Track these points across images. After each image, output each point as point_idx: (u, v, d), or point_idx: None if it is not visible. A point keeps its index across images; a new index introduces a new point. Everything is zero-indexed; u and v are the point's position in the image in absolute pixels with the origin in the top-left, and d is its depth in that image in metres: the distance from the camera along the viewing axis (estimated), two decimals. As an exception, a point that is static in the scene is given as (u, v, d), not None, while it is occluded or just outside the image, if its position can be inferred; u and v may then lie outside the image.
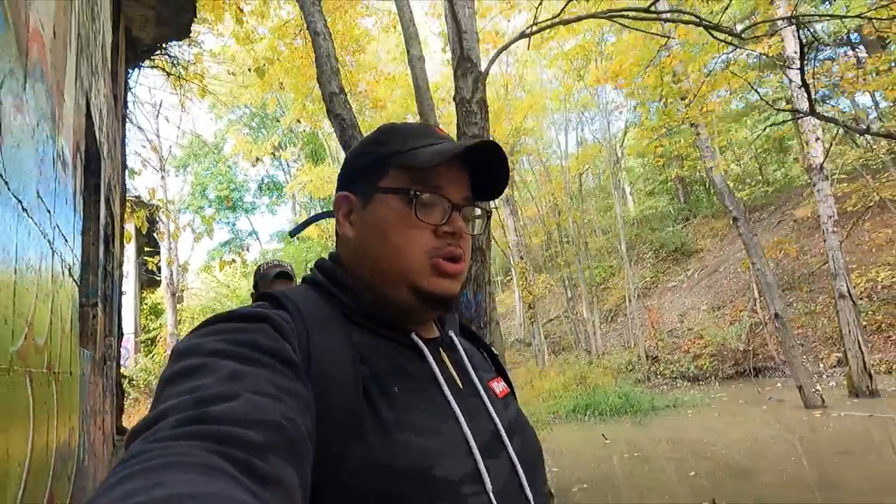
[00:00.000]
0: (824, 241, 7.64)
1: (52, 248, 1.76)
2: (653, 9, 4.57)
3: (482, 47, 8.67)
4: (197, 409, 0.37)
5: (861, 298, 9.15)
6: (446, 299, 0.61)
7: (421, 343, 0.61)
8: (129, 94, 6.81)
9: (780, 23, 5.14)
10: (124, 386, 7.43)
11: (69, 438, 2.06)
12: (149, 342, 12.83)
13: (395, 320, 0.61)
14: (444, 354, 0.64)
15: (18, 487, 1.23)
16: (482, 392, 0.62)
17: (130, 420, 7.60)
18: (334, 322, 0.57)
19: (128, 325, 12.77)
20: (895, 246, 9.77)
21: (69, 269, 2.15)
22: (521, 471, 0.58)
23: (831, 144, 6.41)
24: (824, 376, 9.01)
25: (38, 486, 1.43)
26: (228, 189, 17.73)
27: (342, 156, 18.03)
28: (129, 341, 12.45)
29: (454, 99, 5.34)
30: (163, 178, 13.10)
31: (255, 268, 1.99)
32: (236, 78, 9.85)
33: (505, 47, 4.95)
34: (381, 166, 0.63)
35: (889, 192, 9.04)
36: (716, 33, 4.84)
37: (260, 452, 0.36)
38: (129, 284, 12.37)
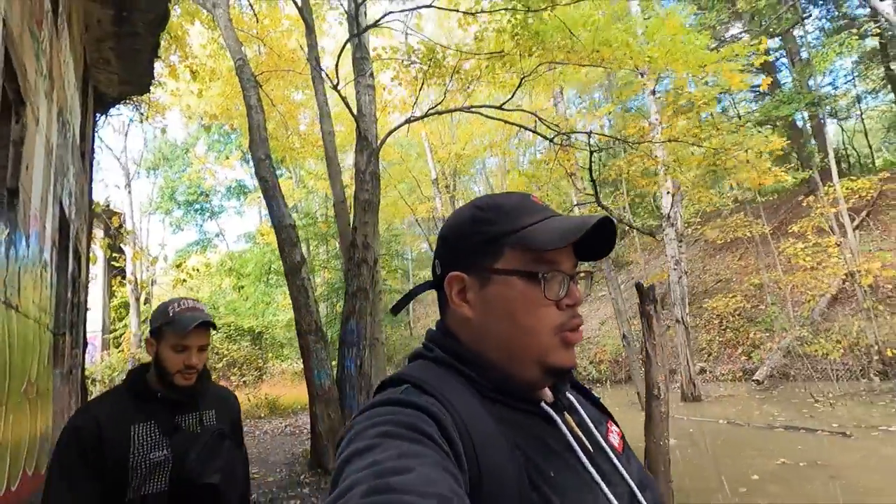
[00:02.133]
0: (672, 275, 9.26)
1: (37, 324, 3.10)
2: (506, 106, 5.99)
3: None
4: (379, 480, 0.41)
5: (718, 317, 10.89)
6: (571, 369, 0.62)
7: (554, 414, 0.61)
8: (95, 137, 7.97)
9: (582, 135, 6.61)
10: (87, 384, 8.65)
11: (45, 431, 3.40)
12: (116, 339, 13.94)
13: (526, 394, 0.62)
14: (568, 419, 0.63)
15: (21, 460, 2.59)
16: (610, 453, 0.63)
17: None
18: (476, 404, 0.58)
19: (96, 322, 13.88)
20: (744, 276, 11.51)
21: (47, 327, 3.48)
22: None
23: (673, 198, 8.00)
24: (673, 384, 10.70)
25: (32, 458, 2.79)
26: (197, 193, 18.79)
27: (300, 173, 19.16)
28: (96, 338, 13.57)
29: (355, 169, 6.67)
30: (129, 193, 14.15)
31: (158, 307, 1.47)
32: (198, 103, 11.02)
33: (391, 132, 6.34)
34: (494, 246, 0.62)
35: (741, 232, 10.79)
36: (544, 129, 6.31)
37: None
38: (98, 285, 13.47)
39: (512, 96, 5.67)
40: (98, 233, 12.43)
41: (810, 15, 14.15)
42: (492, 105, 5.98)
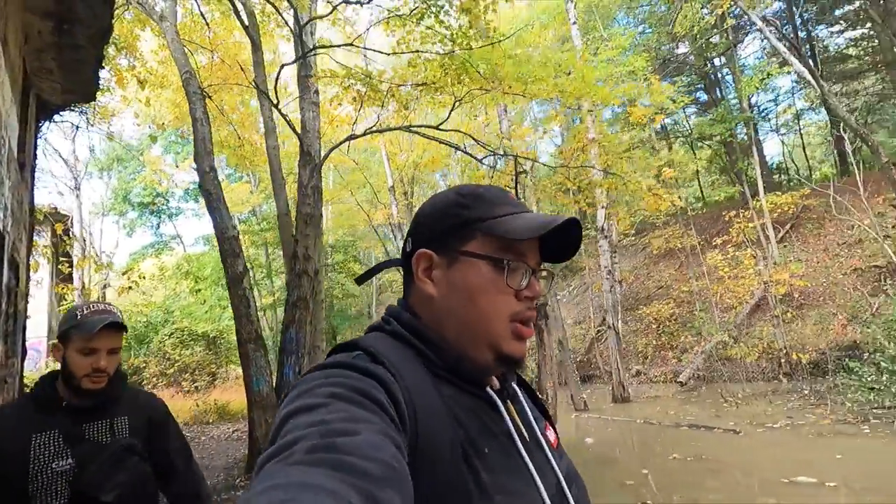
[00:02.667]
0: (608, 288, 9.87)
1: None
2: (442, 127, 6.37)
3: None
4: (324, 439, 0.41)
5: (656, 322, 11.63)
6: (520, 361, 0.65)
7: (497, 399, 0.64)
8: (37, 145, 7.93)
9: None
10: (25, 391, 8.56)
11: None
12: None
13: (476, 377, 0.64)
14: (511, 407, 0.66)
15: None
16: (545, 445, 0.66)
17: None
18: (426, 379, 0.59)
19: (42, 327, 13.52)
20: (681, 284, 12.31)
21: None
22: None
23: (607, 211, 8.61)
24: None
25: None
26: (152, 195, 18.47)
27: (259, 177, 19.06)
28: (41, 344, 13.24)
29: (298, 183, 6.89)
30: (77, 196, 13.88)
31: (67, 311, 1.48)
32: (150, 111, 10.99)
33: (332, 149, 6.63)
34: (466, 229, 0.65)
35: (674, 242, 11.57)
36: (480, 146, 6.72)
37: (380, 484, 0.39)
38: (44, 291, 13.14)
39: (447, 118, 6.05)
40: (41, 240, 12.17)
41: (742, 41, 15.15)
42: (429, 125, 6.35)
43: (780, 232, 12.44)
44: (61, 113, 8.41)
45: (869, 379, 5.79)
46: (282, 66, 5.82)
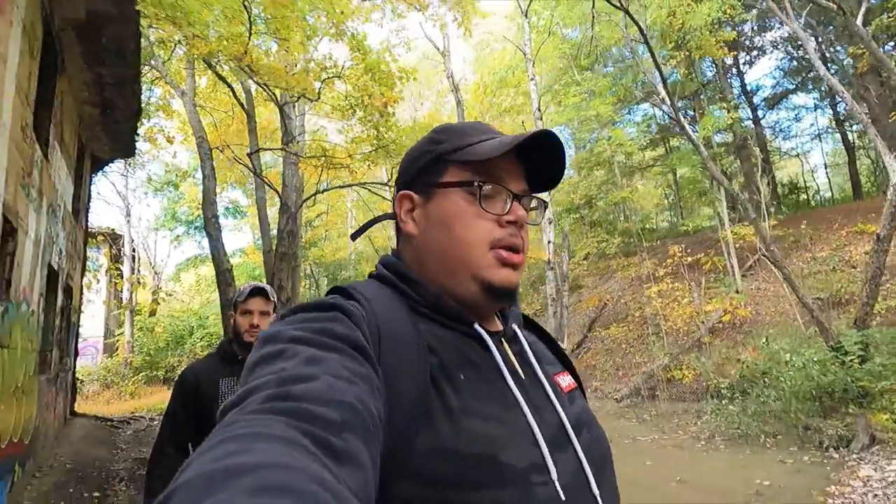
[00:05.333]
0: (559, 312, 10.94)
1: (23, 350, 5.08)
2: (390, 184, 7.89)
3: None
4: (280, 387, 0.40)
5: (618, 342, 12.61)
6: (509, 291, 0.62)
7: (484, 333, 0.61)
8: (90, 192, 10.12)
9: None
10: (79, 383, 10.76)
11: (30, 416, 5.38)
12: (113, 345, 16.16)
13: (460, 313, 0.61)
14: (507, 346, 0.64)
15: (9, 431, 4.57)
16: (546, 385, 0.62)
17: (84, 405, 10.90)
18: (401, 313, 0.58)
19: (99, 329, 16.13)
20: (643, 308, 13.14)
21: (33, 350, 5.48)
22: (587, 467, 0.57)
23: (554, 246, 9.72)
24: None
25: (18, 431, 4.76)
26: (194, 214, 21.08)
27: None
28: (98, 342, 15.82)
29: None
30: (128, 221, 16.45)
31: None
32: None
33: (304, 202, 8.29)
34: (440, 163, 0.64)
35: (621, 273, 12.48)
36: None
37: (336, 430, 0.38)
38: (101, 298, 15.70)
39: (389, 179, 7.56)
40: (99, 254, 14.70)
41: (709, 83, 15.76)
42: (380, 182, 7.89)
43: (750, 261, 13.08)
44: (110, 165, 10.65)
45: (724, 406, 6.76)
46: (257, 150, 7.56)
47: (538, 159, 0.65)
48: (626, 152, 11.29)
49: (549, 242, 10.06)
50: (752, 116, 21.38)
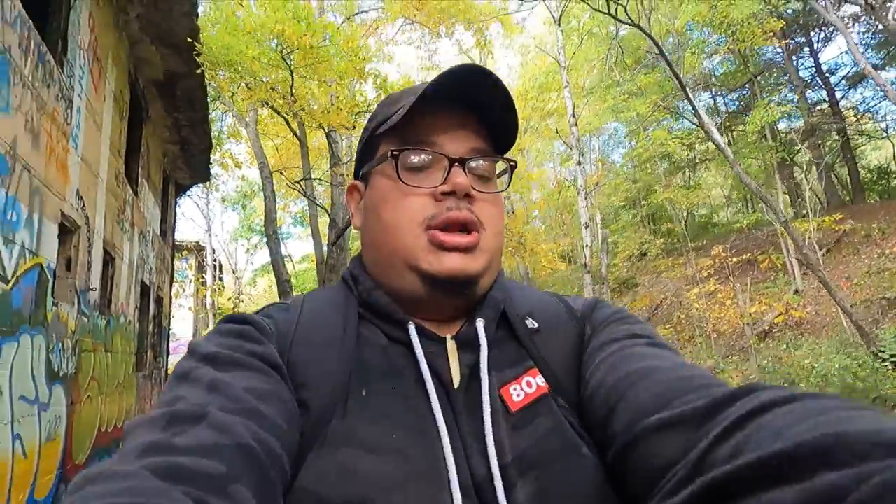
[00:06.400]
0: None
1: (123, 353, 6.27)
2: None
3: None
4: (166, 432, 0.37)
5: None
6: (455, 280, 0.50)
7: (414, 335, 0.50)
8: (176, 213, 11.70)
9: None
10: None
11: (129, 407, 6.59)
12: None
13: (390, 312, 0.52)
14: (453, 351, 0.51)
15: (107, 425, 5.73)
16: (485, 405, 0.47)
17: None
18: (338, 318, 0.52)
19: (188, 331, 18.25)
20: (676, 311, 12.73)
21: (130, 352, 6.70)
22: None
23: (590, 249, 9.90)
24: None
25: (119, 420, 5.94)
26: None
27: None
28: (187, 342, 17.90)
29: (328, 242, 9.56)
30: (209, 235, 18.46)
31: None
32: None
33: (348, 225, 9.14)
34: (372, 141, 0.57)
35: (666, 274, 12.17)
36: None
37: (220, 486, 0.34)
38: (189, 302, 17.75)
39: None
40: (185, 264, 16.63)
41: (772, 67, 14.88)
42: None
43: (816, 255, 12.39)
44: (190, 190, 12.18)
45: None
46: (304, 179, 8.50)
47: (484, 108, 0.53)
48: (666, 153, 11.13)
49: (585, 247, 10.27)
50: (827, 98, 19.84)
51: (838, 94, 20.46)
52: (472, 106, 0.52)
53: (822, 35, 20.32)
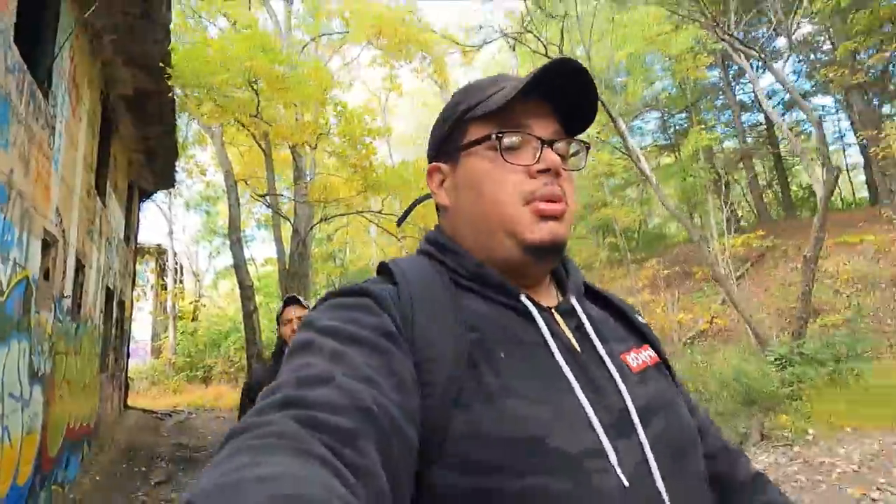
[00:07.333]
0: None
1: (88, 354, 6.61)
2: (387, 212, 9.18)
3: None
4: (298, 391, 0.41)
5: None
6: (553, 246, 0.57)
7: (532, 306, 0.56)
8: (139, 218, 11.87)
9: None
10: (130, 381, 12.51)
11: (92, 407, 6.91)
12: (159, 346, 18.18)
13: (503, 283, 0.57)
14: (560, 321, 0.58)
15: (75, 422, 6.09)
16: (609, 364, 0.55)
17: (135, 399, 12.65)
18: (442, 288, 0.56)
19: (147, 333, 18.19)
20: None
21: (95, 354, 7.03)
22: (650, 456, 0.50)
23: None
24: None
25: (81, 419, 6.28)
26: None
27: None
28: (147, 345, 17.83)
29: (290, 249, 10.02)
30: (171, 239, 18.47)
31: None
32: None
33: (310, 228, 9.66)
34: (461, 124, 0.61)
35: (614, 283, 13.28)
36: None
37: (350, 439, 0.38)
38: (149, 305, 17.72)
39: (381, 209, 8.86)
40: (147, 268, 16.63)
41: (711, 93, 16.21)
42: (374, 211, 9.19)
43: (741, 270, 13.67)
44: (155, 195, 12.38)
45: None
46: (268, 194, 8.99)
47: (567, 96, 0.60)
48: (609, 173, 12.13)
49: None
50: (764, 121, 21.58)
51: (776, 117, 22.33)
52: (555, 94, 0.59)
53: (760, 63, 22.15)
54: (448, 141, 0.63)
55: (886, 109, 18.49)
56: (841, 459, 4.39)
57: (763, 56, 6.85)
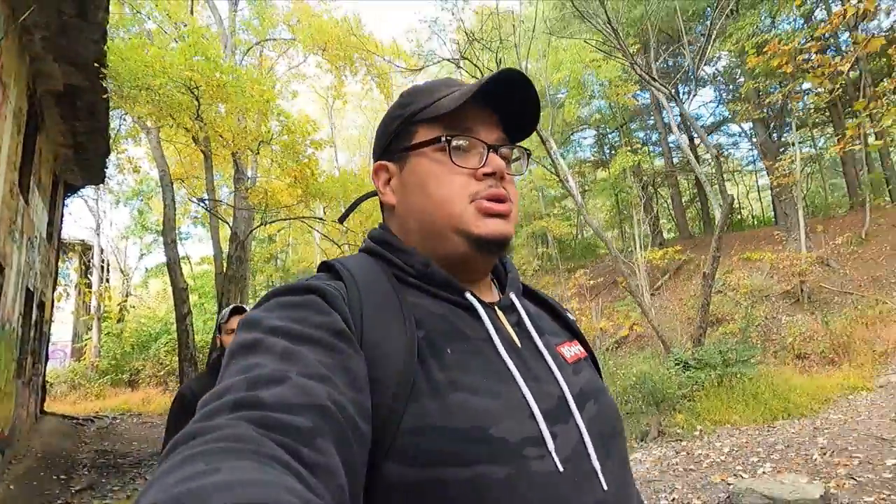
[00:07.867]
0: None
1: (4, 360, 6.36)
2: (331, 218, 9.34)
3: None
4: (250, 391, 0.40)
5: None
6: (498, 241, 0.59)
7: (476, 302, 0.59)
8: (63, 215, 11.29)
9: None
10: (48, 385, 11.86)
11: (8, 415, 6.63)
12: (81, 349, 17.16)
13: (449, 280, 0.59)
14: (502, 316, 0.61)
15: None
16: (546, 355, 0.59)
17: (53, 405, 11.98)
18: (387, 285, 0.57)
19: (68, 335, 17.11)
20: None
21: (13, 360, 6.75)
22: (587, 439, 0.54)
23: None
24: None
25: (3, 430, 6.05)
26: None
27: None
28: (67, 346, 16.81)
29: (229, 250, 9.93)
30: (97, 235, 17.52)
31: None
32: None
33: (250, 232, 9.67)
34: (409, 126, 0.63)
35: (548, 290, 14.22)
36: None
37: (307, 438, 0.37)
38: (71, 305, 16.71)
39: (324, 215, 9.00)
40: (71, 265, 15.72)
41: (643, 113, 17.57)
42: (316, 217, 9.32)
43: (660, 281, 14.90)
44: (82, 190, 11.82)
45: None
46: (206, 199, 8.93)
47: (511, 105, 0.63)
48: (547, 185, 12.90)
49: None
50: (689, 142, 23.52)
51: (697, 140, 24.40)
52: (500, 103, 0.62)
53: (687, 88, 24.13)
54: (395, 141, 0.65)
55: (790, 137, 20.79)
56: (715, 451, 5.12)
57: (672, 93, 7.69)
